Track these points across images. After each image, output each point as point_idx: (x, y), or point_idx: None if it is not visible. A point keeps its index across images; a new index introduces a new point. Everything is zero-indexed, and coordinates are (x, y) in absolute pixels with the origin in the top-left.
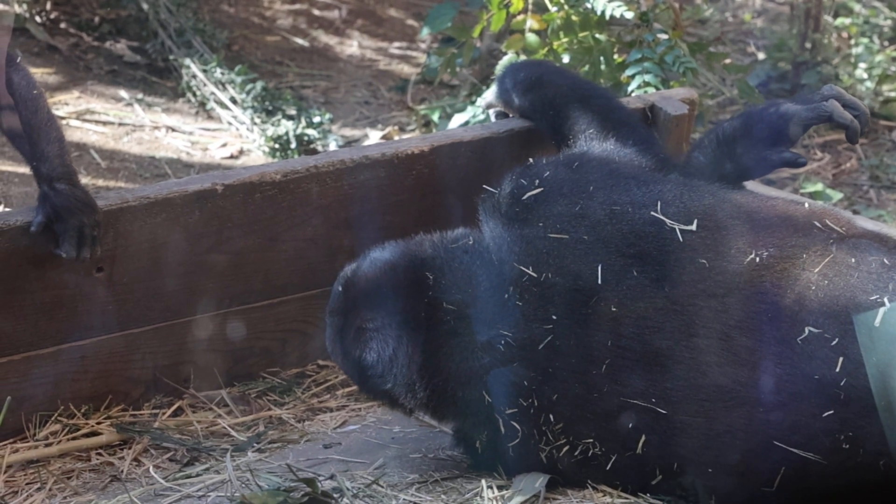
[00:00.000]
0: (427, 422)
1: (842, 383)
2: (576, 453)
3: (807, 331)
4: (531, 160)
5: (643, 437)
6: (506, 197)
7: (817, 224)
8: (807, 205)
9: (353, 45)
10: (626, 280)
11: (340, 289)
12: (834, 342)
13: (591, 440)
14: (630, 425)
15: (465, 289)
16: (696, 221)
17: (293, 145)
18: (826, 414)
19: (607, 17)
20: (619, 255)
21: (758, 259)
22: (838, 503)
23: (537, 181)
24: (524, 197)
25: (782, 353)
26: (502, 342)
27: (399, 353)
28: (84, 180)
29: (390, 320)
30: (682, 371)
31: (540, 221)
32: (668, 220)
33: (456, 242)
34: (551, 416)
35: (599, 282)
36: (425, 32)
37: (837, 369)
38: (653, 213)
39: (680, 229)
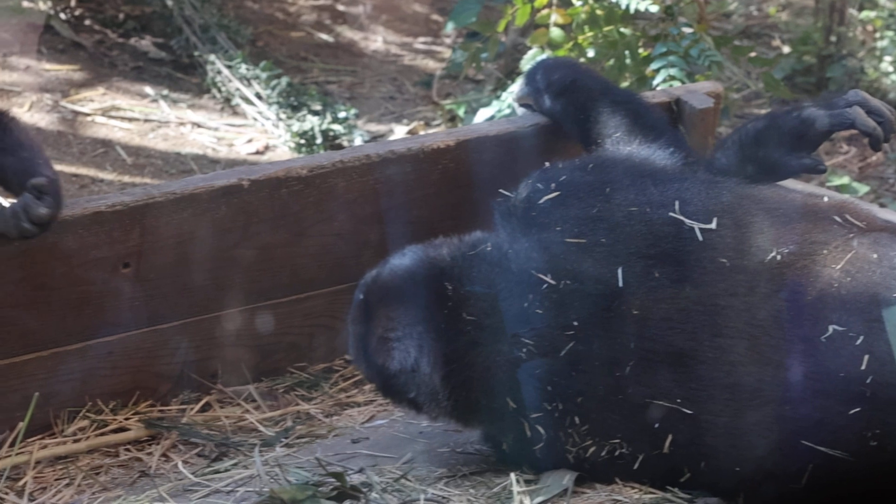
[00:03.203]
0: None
1: (868, 381)
2: (603, 453)
3: (831, 329)
4: (547, 164)
5: (669, 437)
6: (522, 201)
7: (837, 218)
8: (826, 198)
9: (377, 41)
10: (647, 282)
11: (361, 297)
12: (859, 340)
13: (618, 440)
14: (656, 425)
15: (484, 298)
16: (715, 220)
17: (318, 140)
18: (853, 411)
19: (632, 11)
20: (639, 257)
21: (779, 257)
22: (867, 501)
23: (553, 185)
24: (540, 201)
25: (807, 351)
26: (524, 350)
27: (421, 363)
28: (110, 177)
29: (411, 330)
30: (706, 371)
31: (557, 226)
32: (686, 220)
33: (474, 249)
34: (576, 419)
35: (620, 284)
36: (450, 27)
37: (863, 367)
38: (671, 213)
39: (699, 228)
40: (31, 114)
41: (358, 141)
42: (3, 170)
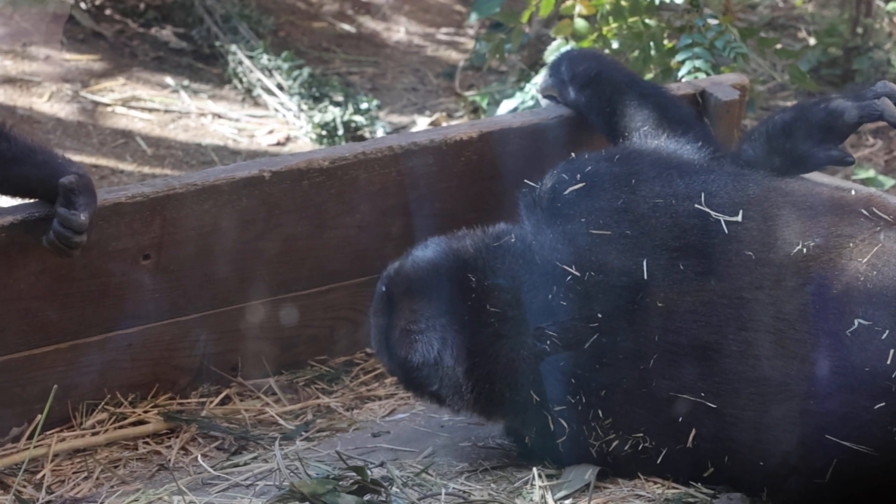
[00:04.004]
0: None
1: (894, 375)
2: (626, 447)
3: (856, 323)
4: (573, 155)
5: (693, 431)
6: (547, 192)
7: (864, 212)
8: (853, 192)
9: (400, 31)
10: (671, 274)
11: (384, 289)
12: (885, 334)
13: (642, 434)
14: (680, 419)
15: (508, 290)
16: (741, 212)
17: (340, 132)
18: (878, 406)
19: (657, 2)
20: (664, 249)
21: (805, 250)
22: (892, 496)
23: (579, 176)
24: (566, 192)
25: (832, 345)
26: (548, 342)
27: (444, 355)
28: (130, 168)
29: (434, 322)
30: (730, 364)
31: (582, 217)
32: (712, 212)
33: (498, 240)
34: (600, 412)
35: (645, 277)
36: (473, 18)
37: (889, 361)
38: (696, 205)
39: (725, 221)
40: (50, 104)
41: (380, 132)
42: (26, 180)
